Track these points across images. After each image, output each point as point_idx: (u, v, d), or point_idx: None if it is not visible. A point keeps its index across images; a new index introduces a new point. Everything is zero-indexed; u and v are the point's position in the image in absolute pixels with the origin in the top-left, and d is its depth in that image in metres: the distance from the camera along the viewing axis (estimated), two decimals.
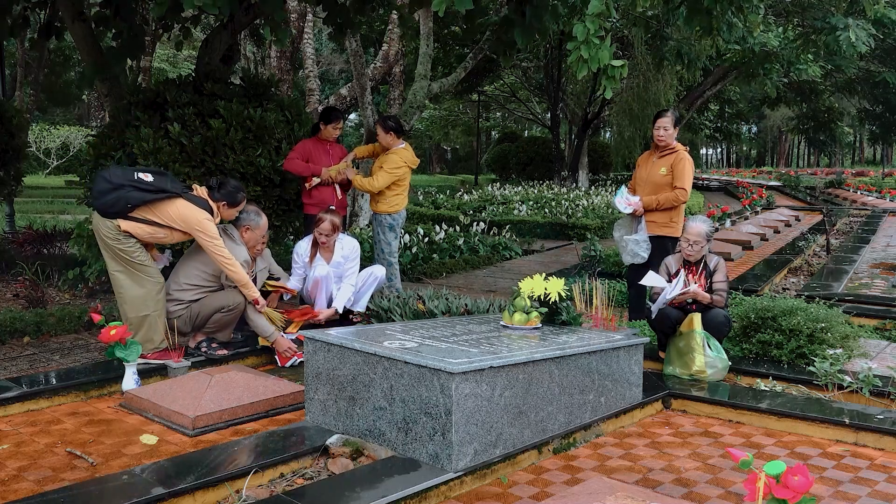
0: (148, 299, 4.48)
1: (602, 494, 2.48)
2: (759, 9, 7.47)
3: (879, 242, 11.63)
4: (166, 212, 4.44)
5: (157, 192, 4.40)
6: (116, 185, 4.35)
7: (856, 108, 28.75)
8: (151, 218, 4.43)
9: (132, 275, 4.47)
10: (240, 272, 4.56)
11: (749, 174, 39.20)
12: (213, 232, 4.48)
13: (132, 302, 4.47)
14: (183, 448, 3.36)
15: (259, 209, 5.07)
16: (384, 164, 5.97)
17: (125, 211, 4.38)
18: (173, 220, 4.44)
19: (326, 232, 5.30)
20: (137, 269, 4.47)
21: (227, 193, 4.66)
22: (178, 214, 4.44)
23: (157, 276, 4.54)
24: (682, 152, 5.45)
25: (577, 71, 4.96)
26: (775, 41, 14.39)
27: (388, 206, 6.05)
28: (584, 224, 12.83)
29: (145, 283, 4.48)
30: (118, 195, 4.34)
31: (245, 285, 4.61)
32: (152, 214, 4.43)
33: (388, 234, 6.11)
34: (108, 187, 4.35)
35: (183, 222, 4.45)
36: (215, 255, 4.48)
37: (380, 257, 6.14)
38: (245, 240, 4.89)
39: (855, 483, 3.10)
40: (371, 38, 17.39)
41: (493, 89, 30.61)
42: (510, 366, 3.19)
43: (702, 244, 4.60)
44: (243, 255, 4.78)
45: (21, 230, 9.20)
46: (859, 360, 4.42)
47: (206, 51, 6.78)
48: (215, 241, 4.47)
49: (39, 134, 28.04)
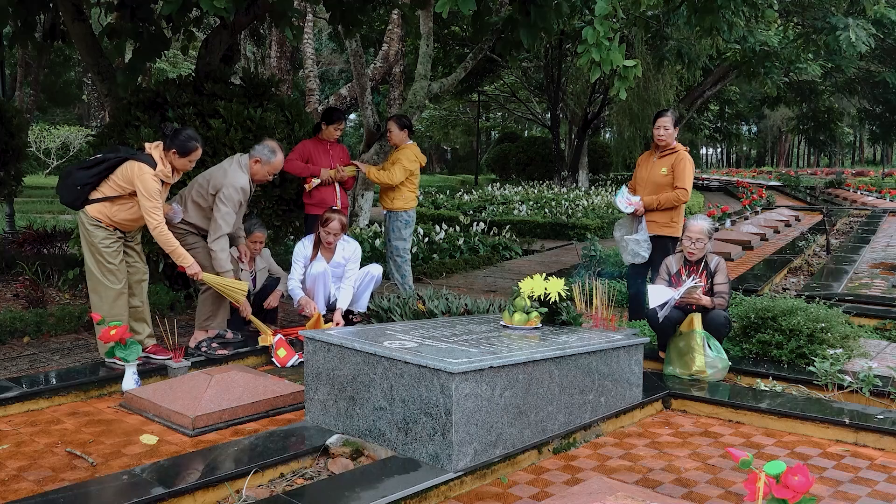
0: (103, 306, 4.42)
1: (602, 494, 2.48)
2: (774, 3, 7.49)
3: (879, 242, 11.63)
4: (117, 179, 4.36)
5: (100, 164, 4.35)
6: (65, 176, 4.38)
7: (856, 108, 28.73)
8: (109, 193, 4.36)
9: (93, 276, 4.42)
10: (168, 237, 4.40)
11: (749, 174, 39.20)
12: (150, 188, 4.28)
13: (93, 303, 4.48)
14: (183, 448, 3.36)
15: (278, 146, 4.94)
16: (399, 159, 6.04)
17: (81, 195, 4.35)
18: (122, 182, 4.35)
19: (335, 231, 5.31)
20: (103, 269, 4.39)
21: (178, 142, 4.41)
22: (123, 175, 4.34)
23: (117, 285, 4.43)
24: (682, 152, 5.45)
25: (591, 74, 4.96)
26: (775, 40, 14.38)
27: (403, 202, 6.11)
28: (584, 224, 12.83)
29: (101, 288, 4.41)
30: (67, 182, 4.36)
31: (174, 252, 4.46)
32: (108, 189, 4.37)
33: (403, 231, 6.16)
34: (61, 182, 4.39)
35: (127, 182, 4.34)
36: (146, 214, 4.32)
37: (394, 255, 6.18)
38: (253, 172, 4.82)
39: (855, 483, 3.10)
40: (371, 38, 17.38)
41: (493, 89, 30.60)
42: (510, 366, 3.19)
43: (704, 241, 4.59)
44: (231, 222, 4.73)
45: (21, 230, 9.20)
46: (859, 360, 4.42)
47: (206, 51, 6.78)
48: (150, 200, 4.29)
49: (39, 134, 28.03)
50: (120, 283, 4.46)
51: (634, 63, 5.04)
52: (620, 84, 5.14)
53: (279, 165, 4.94)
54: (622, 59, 4.94)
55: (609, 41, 4.86)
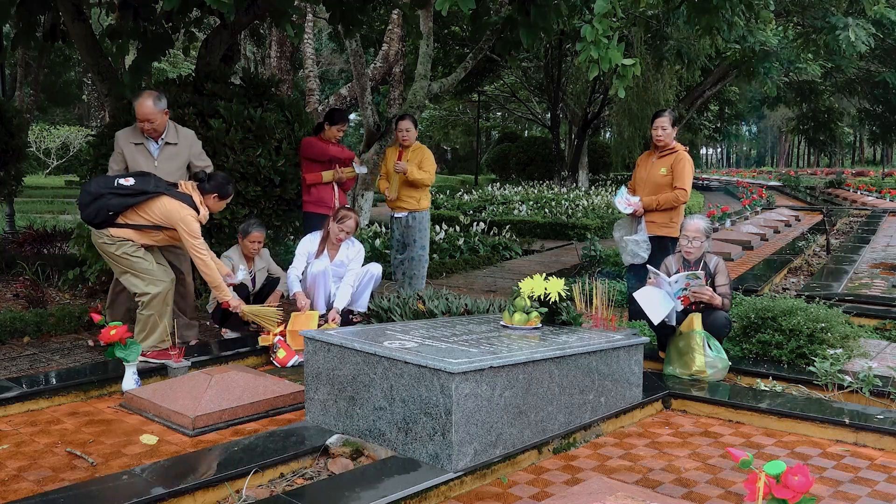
0: (155, 301, 4.51)
1: (602, 494, 2.48)
2: (769, 4, 7.50)
3: (879, 242, 11.63)
4: (150, 211, 4.47)
5: (138, 195, 4.43)
6: (96, 195, 4.40)
7: (856, 108, 28.73)
8: (138, 221, 4.46)
9: (138, 289, 4.52)
10: (214, 274, 4.58)
11: (749, 174, 39.21)
12: (195, 228, 4.50)
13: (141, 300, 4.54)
14: (183, 448, 3.36)
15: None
16: (424, 160, 6.16)
17: (109, 219, 4.42)
18: (158, 218, 4.47)
19: (349, 229, 5.36)
20: (140, 272, 4.50)
21: (217, 185, 4.71)
22: (161, 211, 4.47)
23: (164, 278, 4.56)
24: (681, 152, 5.45)
25: (589, 72, 4.96)
26: (774, 40, 14.38)
27: (427, 201, 6.30)
28: (584, 224, 12.84)
29: (150, 285, 4.52)
30: (99, 205, 4.39)
31: (218, 287, 4.64)
32: (138, 217, 4.46)
33: (428, 230, 6.31)
34: (89, 199, 4.40)
35: (166, 218, 4.47)
36: (193, 252, 4.50)
37: (418, 255, 6.25)
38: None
39: (855, 483, 3.10)
40: (371, 38, 17.38)
41: (493, 89, 30.61)
42: (510, 366, 3.19)
43: (700, 240, 4.59)
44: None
45: (21, 230, 9.20)
46: (859, 360, 4.42)
47: (206, 51, 6.78)
48: (196, 239, 4.49)
49: (39, 134, 28.05)
50: (168, 279, 4.56)
51: (633, 61, 5.04)
52: (619, 83, 5.14)
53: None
54: (621, 57, 4.94)
55: (608, 39, 4.86)
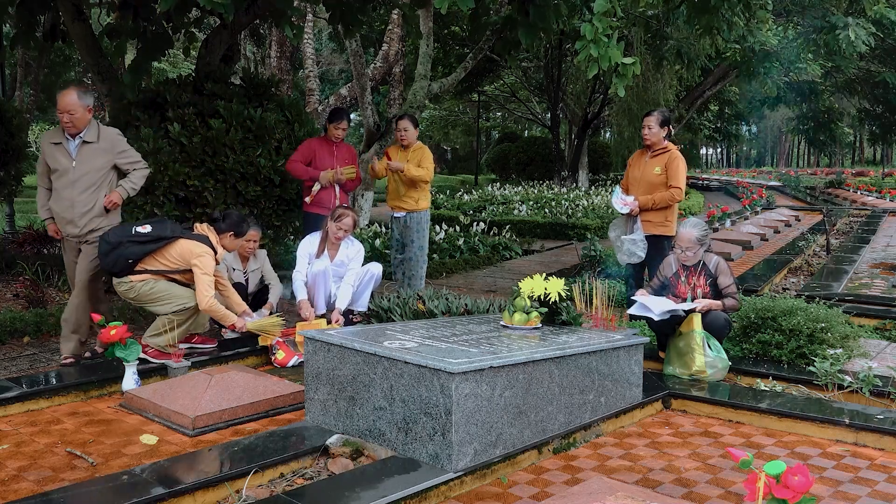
0: (187, 311, 4.55)
1: (602, 494, 2.48)
2: (768, 4, 7.51)
3: (879, 242, 11.63)
4: (169, 256, 4.53)
5: (156, 241, 4.48)
6: (115, 244, 4.40)
7: (856, 108, 28.72)
8: (157, 266, 4.51)
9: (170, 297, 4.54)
10: (218, 308, 4.60)
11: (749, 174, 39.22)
12: (209, 266, 4.55)
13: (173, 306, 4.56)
14: (183, 448, 3.36)
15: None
16: (423, 158, 6.14)
17: (129, 267, 4.45)
18: (176, 261, 4.53)
19: (347, 227, 5.35)
20: (172, 295, 4.53)
21: (233, 224, 4.81)
22: (179, 253, 4.53)
23: (188, 298, 4.56)
24: (674, 151, 5.49)
25: (588, 70, 4.96)
26: (774, 40, 14.39)
27: (426, 201, 6.26)
28: (584, 224, 12.84)
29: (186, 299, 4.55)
30: (118, 254, 4.40)
31: (223, 317, 4.65)
32: (157, 263, 4.51)
33: (426, 231, 6.27)
34: (108, 248, 4.41)
35: (183, 260, 4.53)
36: (200, 287, 4.49)
37: (416, 255, 6.23)
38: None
39: (855, 483, 3.10)
40: (371, 38, 17.38)
41: (493, 89, 30.60)
42: (510, 366, 3.19)
43: (694, 249, 4.60)
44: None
45: (21, 230, 9.21)
46: (859, 360, 4.42)
47: (206, 51, 6.78)
48: (207, 276, 4.52)
49: (39, 134, 28.04)
50: (190, 299, 4.55)
51: (633, 60, 5.04)
52: (619, 81, 5.14)
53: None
54: (620, 55, 4.94)
55: (608, 38, 4.86)
